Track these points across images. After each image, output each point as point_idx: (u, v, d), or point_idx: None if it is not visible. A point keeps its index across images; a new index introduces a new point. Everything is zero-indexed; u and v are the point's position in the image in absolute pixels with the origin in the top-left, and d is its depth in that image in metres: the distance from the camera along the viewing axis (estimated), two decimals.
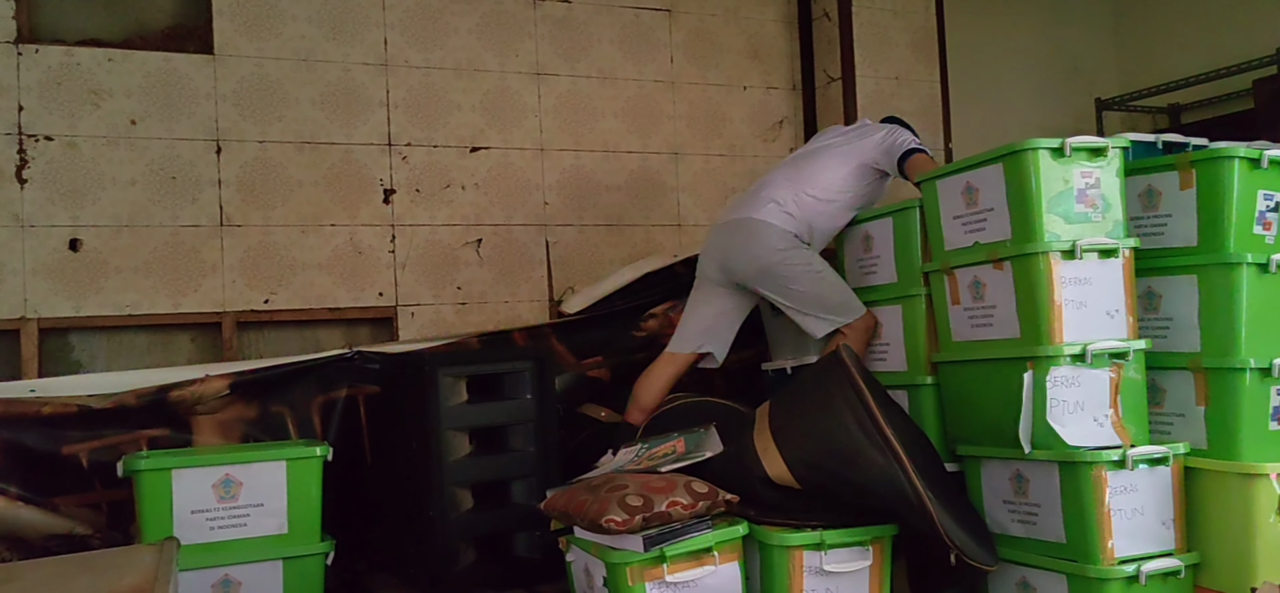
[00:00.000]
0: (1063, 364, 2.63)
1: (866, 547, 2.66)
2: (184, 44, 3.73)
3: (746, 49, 4.62)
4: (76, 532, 3.09)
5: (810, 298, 3.28)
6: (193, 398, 3.24)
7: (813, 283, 3.27)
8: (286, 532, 2.91)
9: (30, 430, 3.11)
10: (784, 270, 3.25)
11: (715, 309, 3.37)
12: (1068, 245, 2.63)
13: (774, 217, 3.26)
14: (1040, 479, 2.68)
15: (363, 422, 3.44)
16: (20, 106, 3.50)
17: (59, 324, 3.53)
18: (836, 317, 3.28)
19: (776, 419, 2.74)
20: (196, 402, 3.25)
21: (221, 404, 3.28)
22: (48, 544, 3.08)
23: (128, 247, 3.60)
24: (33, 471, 3.10)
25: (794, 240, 3.28)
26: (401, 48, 4.02)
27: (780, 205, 3.27)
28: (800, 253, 3.27)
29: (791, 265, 3.25)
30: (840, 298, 3.30)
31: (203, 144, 3.72)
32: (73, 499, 3.17)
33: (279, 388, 3.37)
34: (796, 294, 3.27)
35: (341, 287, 3.89)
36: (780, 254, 3.24)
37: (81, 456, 3.14)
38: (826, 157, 3.37)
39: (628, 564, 2.47)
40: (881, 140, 3.35)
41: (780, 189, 3.30)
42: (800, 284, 3.26)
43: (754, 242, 3.25)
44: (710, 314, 3.37)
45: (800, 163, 3.39)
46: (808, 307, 3.28)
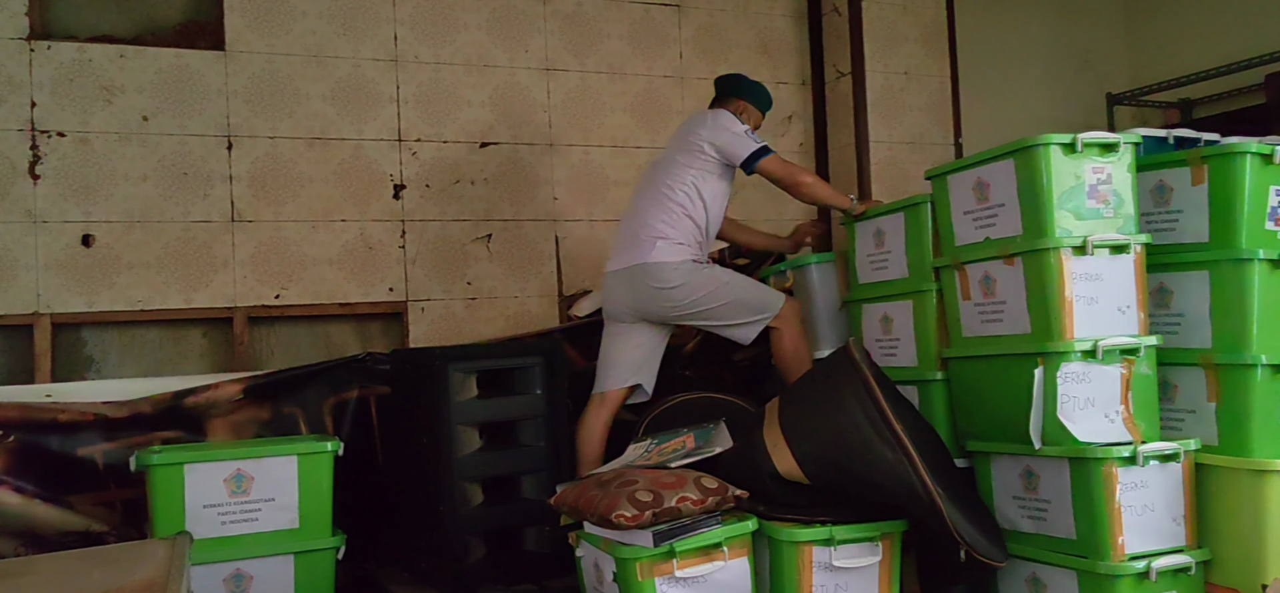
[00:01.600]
0: (1073, 360, 2.62)
1: (876, 542, 2.66)
2: (195, 40, 3.74)
3: (756, 44, 4.61)
4: (93, 529, 3.12)
5: (730, 309, 3.34)
6: (207, 402, 3.30)
7: (726, 294, 3.34)
8: (298, 527, 2.92)
9: (48, 435, 3.16)
10: (694, 298, 3.30)
11: (635, 342, 3.38)
12: (1079, 241, 2.63)
13: (666, 254, 3.27)
14: (1051, 475, 2.67)
15: (374, 421, 3.47)
16: (33, 103, 3.51)
17: (72, 319, 3.54)
18: (761, 315, 3.36)
19: (786, 415, 2.74)
20: (210, 406, 3.29)
21: (235, 407, 3.32)
22: (64, 541, 3.10)
23: (140, 242, 3.62)
24: (49, 471, 3.14)
25: (692, 267, 3.32)
26: (411, 43, 4.02)
27: (667, 240, 3.28)
28: (702, 274, 3.33)
29: (700, 290, 3.31)
30: (757, 296, 3.40)
31: (214, 140, 3.73)
32: (88, 498, 3.20)
33: (291, 390, 3.41)
34: (715, 312, 3.33)
35: (352, 282, 3.90)
36: (684, 287, 3.28)
37: (97, 456, 3.18)
38: (675, 168, 3.35)
39: (637, 559, 2.48)
40: (707, 135, 3.36)
41: (656, 219, 3.29)
42: (715, 301, 3.32)
43: (656, 284, 3.27)
44: (631, 348, 3.37)
45: (659, 181, 3.35)
46: (730, 318, 3.34)
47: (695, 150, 3.34)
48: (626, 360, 3.37)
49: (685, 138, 3.38)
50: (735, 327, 3.39)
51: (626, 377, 3.38)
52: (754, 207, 4.47)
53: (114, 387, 3.27)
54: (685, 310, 3.33)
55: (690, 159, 3.35)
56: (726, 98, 3.54)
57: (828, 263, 3.75)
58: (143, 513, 3.20)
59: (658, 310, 3.33)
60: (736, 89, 3.57)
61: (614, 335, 3.40)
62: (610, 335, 3.41)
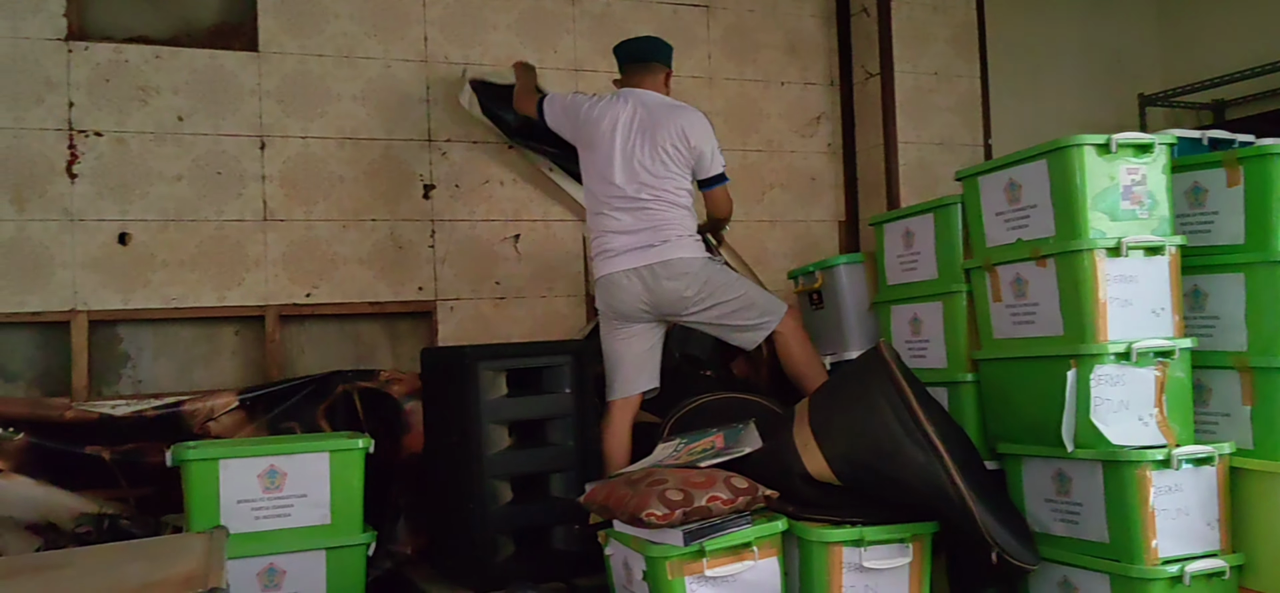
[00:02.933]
0: (1107, 363, 2.61)
1: (906, 544, 2.65)
2: (229, 41, 3.78)
3: (784, 44, 4.61)
4: (105, 511, 3.20)
5: (741, 308, 3.38)
6: (206, 411, 3.40)
7: (738, 289, 3.40)
8: (329, 523, 2.96)
9: (54, 433, 3.26)
10: (710, 294, 3.33)
11: (646, 344, 3.39)
12: (1113, 243, 2.62)
13: (687, 249, 3.31)
14: (1083, 478, 2.66)
15: (359, 414, 3.54)
16: (70, 103, 3.56)
17: (108, 316, 3.59)
18: (768, 317, 3.39)
19: (816, 415, 2.74)
20: (208, 417, 3.39)
21: (233, 420, 3.40)
22: (79, 529, 3.16)
23: (174, 241, 3.66)
24: (58, 466, 3.23)
25: (708, 262, 3.39)
26: (441, 44, 4.05)
27: (684, 236, 3.31)
28: (716, 270, 3.41)
29: (716, 286, 3.35)
30: (764, 298, 3.47)
31: (247, 140, 3.77)
32: (99, 494, 3.26)
33: (282, 400, 3.51)
34: (728, 310, 3.36)
35: (382, 281, 3.93)
36: (704, 283, 3.32)
37: (104, 455, 3.27)
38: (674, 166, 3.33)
39: (667, 558, 2.49)
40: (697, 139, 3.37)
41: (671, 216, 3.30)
42: (728, 297, 3.36)
43: (676, 280, 3.28)
44: (643, 350, 3.37)
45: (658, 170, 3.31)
46: (740, 318, 3.37)
47: (685, 148, 3.34)
48: (639, 364, 3.38)
49: (675, 133, 3.33)
50: (743, 329, 3.40)
51: (650, 378, 3.40)
52: (774, 208, 4.48)
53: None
54: (699, 307, 3.33)
55: (682, 156, 3.35)
56: (665, 64, 3.54)
57: (856, 264, 3.75)
58: (155, 508, 3.28)
59: (672, 308, 3.32)
60: (668, 56, 3.56)
61: (627, 337, 3.36)
62: (622, 337, 3.37)
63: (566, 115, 3.46)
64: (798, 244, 4.57)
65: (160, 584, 1.77)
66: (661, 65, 3.51)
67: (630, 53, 3.52)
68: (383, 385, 3.58)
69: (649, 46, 3.53)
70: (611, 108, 3.38)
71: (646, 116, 3.35)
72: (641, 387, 3.38)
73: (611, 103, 3.40)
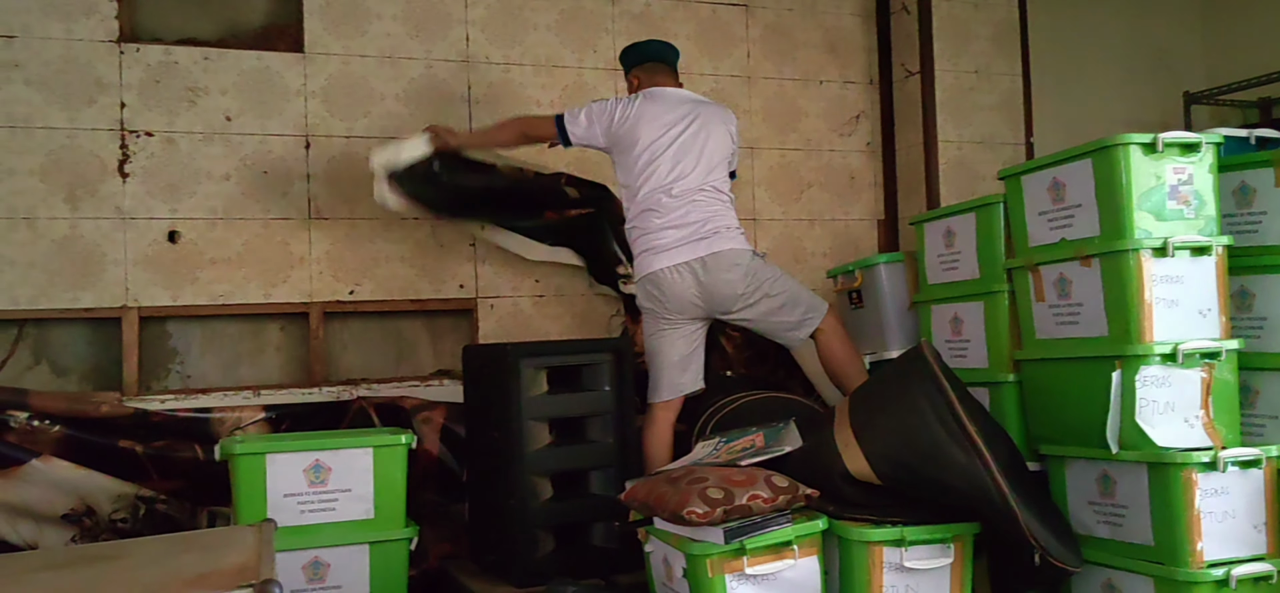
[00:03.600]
0: (1153, 364, 2.59)
1: (948, 544, 2.64)
2: (276, 43, 3.84)
3: (823, 43, 4.60)
4: (143, 494, 3.30)
5: (787, 303, 3.37)
6: (234, 420, 3.47)
7: (785, 285, 3.40)
8: (373, 517, 3.00)
9: (88, 427, 3.35)
10: (758, 288, 3.32)
11: (693, 344, 3.37)
12: (1159, 243, 2.60)
13: (737, 241, 3.32)
14: (1128, 480, 2.64)
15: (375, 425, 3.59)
16: (122, 103, 3.64)
17: (157, 312, 3.66)
18: (812, 314, 3.39)
19: (857, 415, 2.74)
20: (236, 426, 3.46)
21: (258, 430, 3.49)
22: (116, 514, 3.25)
23: (221, 239, 3.73)
24: (94, 456, 3.31)
25: (755, 256, 3.38)
26: (482, 45, 4.08)
27: (733, 229, 3.33)
28: (763, 264, 3.41)
29: (764, 280, 3.35)
30: (806, 294, 3.45)
31: (293, 139, 3.83)
32: (137, 483, 3.34)
33: (306, 418, 3.55)
34: (774, 305, 3.35)
35: (424, 279, 3.97)
36: (753, 277, 3.31)
37: (136, 449, 3.35)
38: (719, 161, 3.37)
39: (708, 556, 2.50)
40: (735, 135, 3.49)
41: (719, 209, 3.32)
42: (776, 292, 3.35)
43: (729, 273, 3.27)
44: (689, 350, 3.36)
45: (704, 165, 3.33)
46: (786, 313, 3.37)
47: (733, 142, 3.44)
48: (692, 362, 3.36)
49: (720, 127, 3.39)
50: (790, 327, 3.39)
51: (695, 379, 3.37)
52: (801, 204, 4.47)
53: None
54: (748, 302, 3.32)
55: (730, 150, 3.43)
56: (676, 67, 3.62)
57: (896, 263, 3.74)
58: (187, 499, 3.36)
59: (723, 302, 3.30)
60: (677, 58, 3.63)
61: (673, 336, 3.33)
62: (668, 337, 3.33)
63: (597, 122, 3.40)
64: (836, 243, 4.56)
65: (213, 575, 1.80)
66: (675, 68, 3.58)
67: (653, 54, 3.55)
68: (397, 400, 3.64)
69: (669, 49, 3.59)
70: (651, 107, 3.37)
71: (694, 111, 3.37)
72: (686, 387, 3.36)
73: (648, 102, 3.39)
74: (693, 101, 3.44)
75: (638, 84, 3.52)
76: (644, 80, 3.51)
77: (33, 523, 3.20)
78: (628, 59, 3.59)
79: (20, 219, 3.51)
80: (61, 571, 1.99)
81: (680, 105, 3.38)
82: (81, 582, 1.87)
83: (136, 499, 3.30)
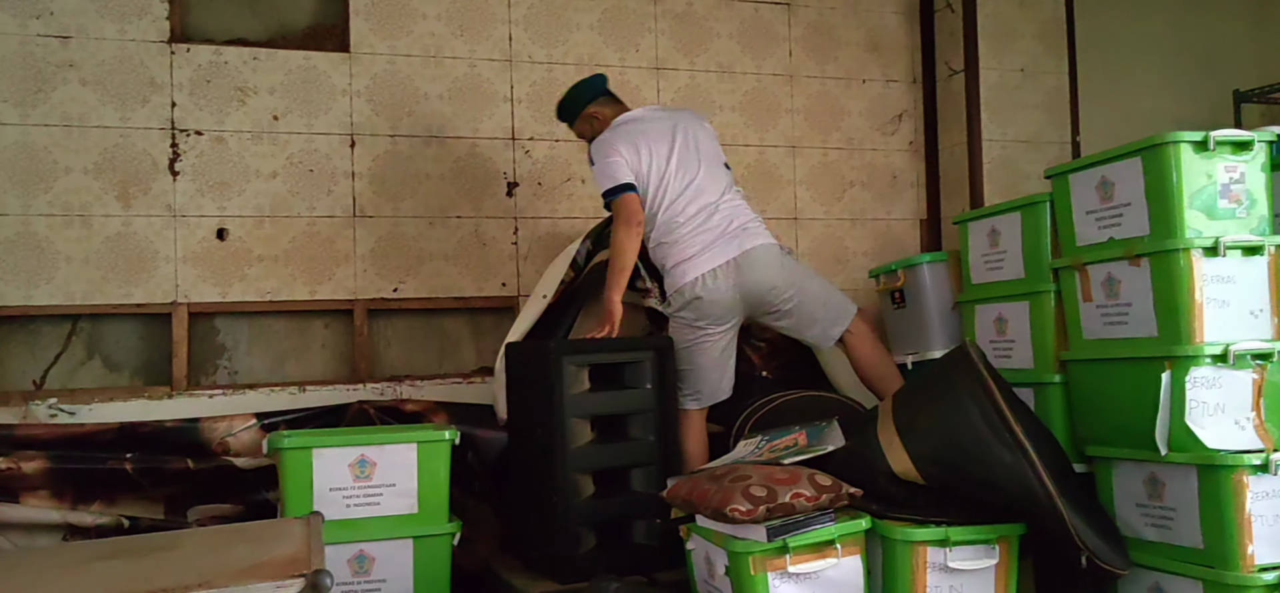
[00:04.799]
0: (1203, 365, 2.55)
1: (993, 545, 2.62)
2: (322, 43, 3.89)
3: (866, 42, 4.58)
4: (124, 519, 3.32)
5: (818, 302, 3.37)
6: (224, 427, 3.45)
7: (816, 285, 3.41)
8: (417, 512, 3.03)
9: (75, 446, 3.34)
10: (791, 284, 3.32)
11: (728, 351, 3.35)
12: (1210, 242, 2.56)
13: (768, 238, 3.32)
14: (1177, 483, 2.61)
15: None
16: (173, 103, 3.71)
17: (206, 309, 3.73)
18: (845, 314, 3.39)
19: (901, 414, 2.72)
20: (227, 433, 3.45)
21: (251, 437, 3.46)
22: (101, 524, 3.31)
23: (269, 236, 3.79)
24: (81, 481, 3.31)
25: (785, 253, 3.39)
26: (525, 44, 4.11)
27: (762, 227, 3.33)
28: (793, 262, 3.42)
29: (796, 276, 3.35)
30: (836, 294, 3.46)
31: (338, 138, 3.88)
32: (126, 497, 3.36)
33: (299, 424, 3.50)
34: (806, 304, 3.34)
35: (466, 277, 4.01)
36: (785, 273, 3.32)
37: (125, 466, 3.34)
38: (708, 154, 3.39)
39: (750, 554, 2.50)
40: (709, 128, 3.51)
41: (745, 210, 3.33)
42: (807, 291, 3.35)
43: (764, 271, 3.27)
44: (723, 356, 3.33)
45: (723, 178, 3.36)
46: (818, 313, 3.36)
47: (714, 140, 3.47)
48: (727, 367, 3.35)
49: (698, 127, 3.42)
50: (820, 326, 3.38)
51: (729, 384, 3.37)
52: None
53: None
54: (780, 300, 3.31)
55: (716, 148, 3.45)
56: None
57: (939, 262, 3.71)
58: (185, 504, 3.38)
59: (760, 299, 3.29)
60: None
61: (710, 344, 3.29)
62: (704, 346, 3.29)
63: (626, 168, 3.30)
64: (878, 243, 4.54)
65: (265, 566, 1.84)
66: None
67: (599, 89, 3.51)
68: (399, 404, 3.63)
69: (604, 80, 3.57)
70: (635, 132, 3.33)
71: (671, 120, 3.38)
72: (721, 394, 3.35)
73: (630, 129, 3.34)
74: (662, 112, 3.46)
75: (600, 119, 3.46)
76: (602, 114, 3.47)
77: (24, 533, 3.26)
78: (575, 106, 3.51)
79: (75, 216, 3.59)
80: (118, 560, 2.04)
81: (655, 120, 3.39)
82: (138, 571, 1.91)
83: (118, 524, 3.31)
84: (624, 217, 3.25)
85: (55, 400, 3.49)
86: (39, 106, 3.57)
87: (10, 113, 3.54)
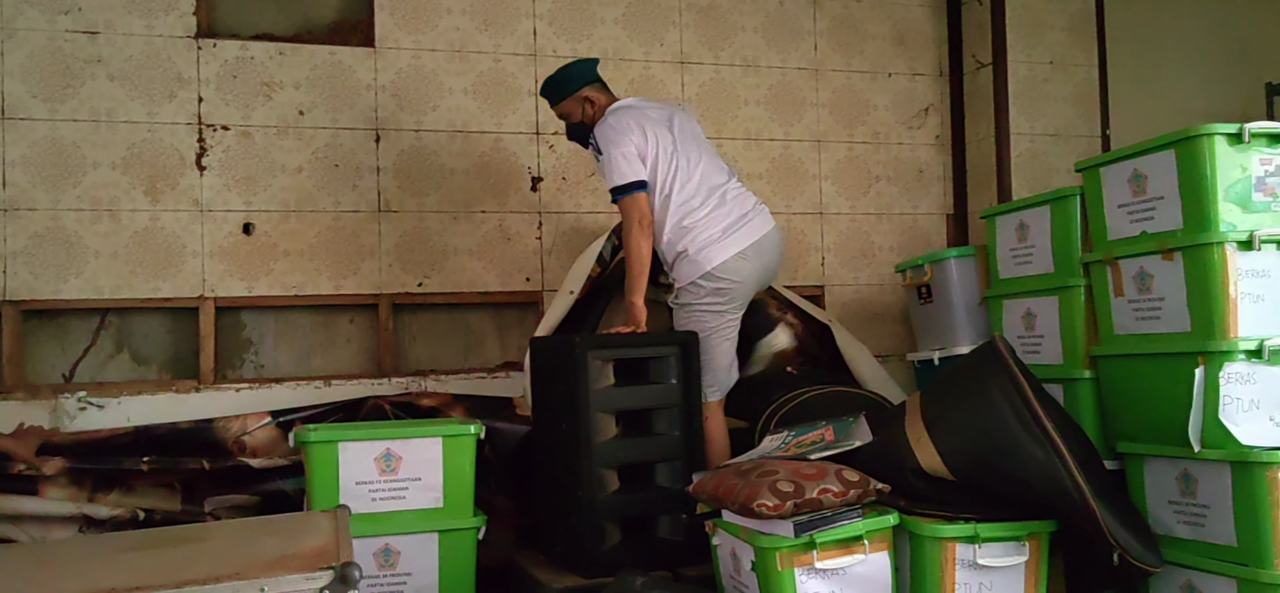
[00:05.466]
0: (1237, 360, 2.52)
1: (1023, 542, 2.60)
2: (348, 38, 3.90)
3: (892, 35, 4.54)
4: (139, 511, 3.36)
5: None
6: (239, 426, 3.49)
7: None
8: (442, 506, 3.03)
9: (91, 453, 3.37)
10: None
11: (735, 333, 3.36)
12: (1245, 236, 2.53)
13: (770, 216, 3.38)
14: (1210, 480, 2.57)
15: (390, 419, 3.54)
16: (200, 98, 3.73)
17: (233, 303, 3.75)
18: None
19: (929, 409, 2.70)
20: (242, 432, 3.48)
21: (267, 435, 3.49)
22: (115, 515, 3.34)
23: (294, 231, 3.80)
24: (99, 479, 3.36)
25: None
26: (549, 38, 4.10)
27: (761, 204, 3.38)
28: None
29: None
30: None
31: (363, 133, 3.89)
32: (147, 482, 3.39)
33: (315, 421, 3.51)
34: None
35: (491, 271, 4.01)
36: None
37: (141, 466, 3.38)
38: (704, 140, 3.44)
39: (777, 549, 2.48)
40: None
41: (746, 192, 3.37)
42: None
43: (780, 249, 3.40)
44: (734, 343, 3.36)
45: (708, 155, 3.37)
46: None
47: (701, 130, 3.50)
48: (731, 356, 3.37)
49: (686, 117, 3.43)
50: None
51: (737, 368, 3.41)
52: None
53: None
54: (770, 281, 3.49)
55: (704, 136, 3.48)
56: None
57: (966, 257, 3.68)
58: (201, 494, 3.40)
59: (769, 278, 3.43)
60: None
61: (728, 329, 3.31)
62: (723, 330, 3.29)
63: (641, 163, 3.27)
64: (903, 238, 4.51)
65: (294, 558, 1.84)
66: None
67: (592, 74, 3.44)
68: (414, 399, 3.62)
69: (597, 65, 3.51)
70: (641, 118, 3.30)
71: (664, 110, 3.38)
72: (733, 382, 3.38)
73: (634, 114, 3.31)
74: (652, 102, 3.45)
75: (594, 104, 3.40)
76: (597, 99, 3.40)
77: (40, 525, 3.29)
78: (568, 86, 3.41)
79: (103, 211, 3.61)
80: (149, 552, 2.05)
81: (652, 107, 3.38)
82: (169, 562, 1.92)
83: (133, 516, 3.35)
84: (635, 217, 3.21)
85: (84, 394, 3.52)
86: (67, 102, 3.59)
87: (39, 108, 3.57)
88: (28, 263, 3.55)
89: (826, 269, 4.41)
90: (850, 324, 4.36)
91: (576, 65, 3.45)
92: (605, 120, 3.32)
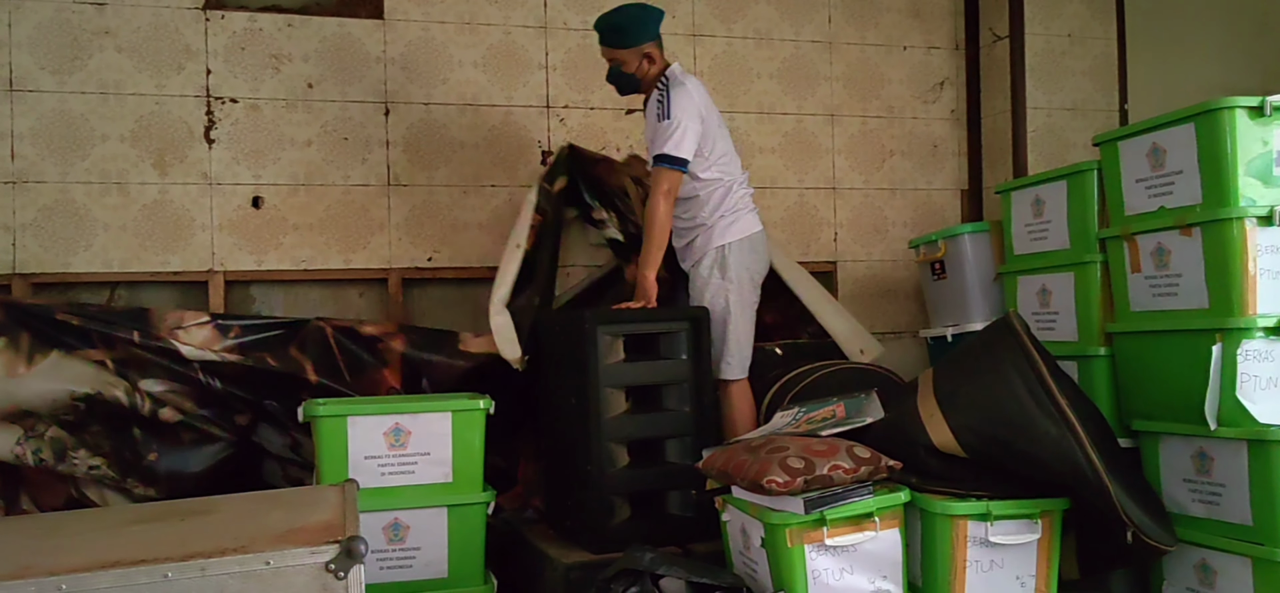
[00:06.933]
0: (1256, 337, 2.49)
1: (1035, 520, 2.58)
2: (356, 9, 3.87)
3: (907, 7, 4.48)
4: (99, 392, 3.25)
5: None
6: (174, 321, 3.32)
7: None
8: (451, 481, 3.02)
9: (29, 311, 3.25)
10: None
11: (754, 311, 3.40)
12: (1265, 211, 2.49)
13: None
14: (1226, 458, 2.54)
15: (332, 347, 3.42)
16: (208, 70, 3.70)
17: (242, 277, 3.74)
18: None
19: (942, 386, 2.67)
20: (177, 325, 3.31)
21: (202, 333, 3.32)
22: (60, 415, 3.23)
23: (304, 204, 3.78)
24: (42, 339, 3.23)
25: None
26: (560, 10, 4.06)
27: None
28: None
29: None
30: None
31: (372, 106, 3.86)
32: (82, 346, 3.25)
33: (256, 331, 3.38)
34: None
35: (500, 245, 3.95)
36: None
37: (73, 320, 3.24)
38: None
39: (787, 526, 2.47)
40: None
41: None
42: None
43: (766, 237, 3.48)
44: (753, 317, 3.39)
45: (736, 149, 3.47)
46: None
47: None
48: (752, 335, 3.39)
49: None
50: None
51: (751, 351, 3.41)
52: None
53: None
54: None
55: None
56: None
57: (981, 233, 3.64)
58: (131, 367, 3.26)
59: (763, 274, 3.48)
60: None
61: (750, 313, 3.35)
62: (747, 315, 3.33)
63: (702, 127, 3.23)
64: (917, 213, 4.46)
65: (301, 531, 1.83)
66: None
67: (657, 27, 3.31)
68: (356, 325, 3.51)
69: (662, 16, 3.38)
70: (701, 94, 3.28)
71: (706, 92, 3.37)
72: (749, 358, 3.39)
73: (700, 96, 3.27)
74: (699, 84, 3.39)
75: (655, 62, 3.30)
76: (656, 57, 3.31)
77: None
78: (636, 34, 3.25)
79: (112, 184, 3.60)
80: (153, 524, 2.04)
81: (701, 89, 3.33)
82: (174, 535, 1.92)
83: (72, 400, 3.24)
84: (667, 188, 3.20)
85: None
86: (76, 74, 3.58)
87: (47, 80, 3.55)
88: (37, 236, 3.55)
89: (839, 245, 4.37)
90: (863, 300, 4.34)
91: (646, 12, 3.27)
92: (684, 86, 3.21)
